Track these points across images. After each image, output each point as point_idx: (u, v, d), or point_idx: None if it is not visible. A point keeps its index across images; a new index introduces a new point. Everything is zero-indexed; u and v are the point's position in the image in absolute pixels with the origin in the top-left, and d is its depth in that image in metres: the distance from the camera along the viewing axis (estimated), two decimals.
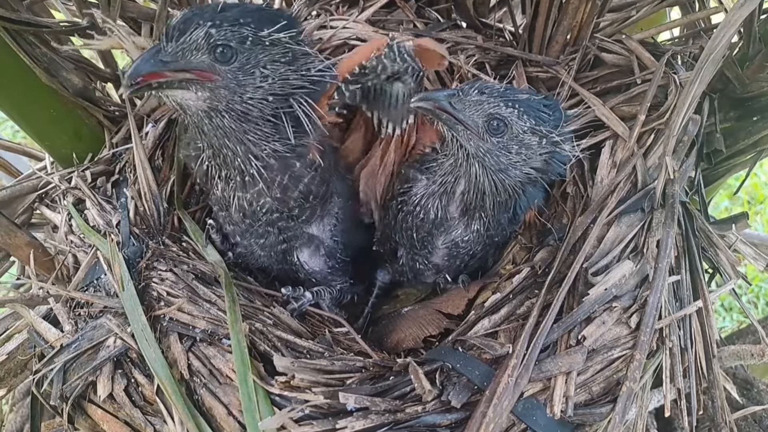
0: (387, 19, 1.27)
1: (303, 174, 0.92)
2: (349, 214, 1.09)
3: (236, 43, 0.78)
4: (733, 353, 0.90)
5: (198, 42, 0.76)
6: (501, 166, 0.89)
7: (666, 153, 0.92)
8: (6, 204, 1.12)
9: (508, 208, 0.97)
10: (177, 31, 0.76)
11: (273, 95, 0.84)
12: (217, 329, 0.83)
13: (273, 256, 1.06)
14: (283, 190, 0.92)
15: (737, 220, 1.06)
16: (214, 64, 0.78)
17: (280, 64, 0.83)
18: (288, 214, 0.97)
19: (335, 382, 0.76)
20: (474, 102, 0.86)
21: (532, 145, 0.87)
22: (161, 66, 0.77)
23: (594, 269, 0.84)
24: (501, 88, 0.88)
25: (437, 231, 1.01)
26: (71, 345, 0.85)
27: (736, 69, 1.01)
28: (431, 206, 0.99)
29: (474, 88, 0.87)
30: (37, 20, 1.01)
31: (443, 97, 0.88)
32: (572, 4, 1.07)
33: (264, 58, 0.81)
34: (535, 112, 0.86)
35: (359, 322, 1.18)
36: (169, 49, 0.77)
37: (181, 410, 0.75)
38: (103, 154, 1.15)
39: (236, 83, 0.80)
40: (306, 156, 0.91)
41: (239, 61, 0.79)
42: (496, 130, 0.86)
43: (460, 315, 1.00)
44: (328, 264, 1.08)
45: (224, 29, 0.77)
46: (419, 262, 1.09)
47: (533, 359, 0.74)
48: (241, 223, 0.99)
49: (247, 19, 0.78)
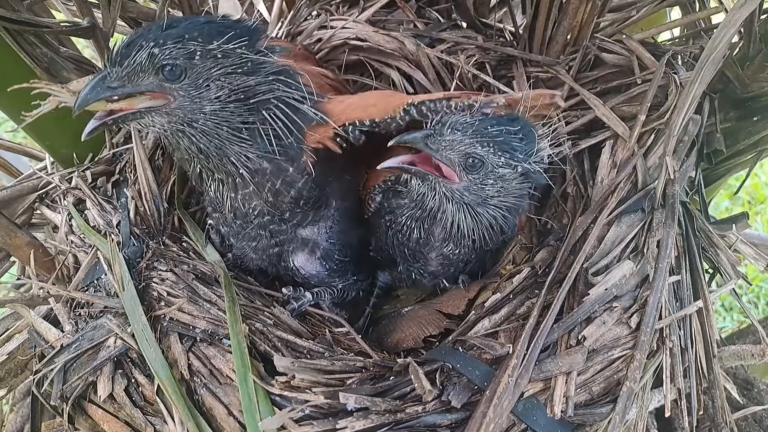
0: (387, 19, 1.28)
1: (296, 179, 0.90)
2: (347, 213, 1.07)
3: (183, 60, 0.76)
4: (733, 353, 0.90)
5: (143, 64, 0.74)
6: (479, 201, 0.90)
7: (666, 153, 0.92)
8: (6, 204, 1.12)
9: (493, 229, 0.96)
10: (119, 56, 0.75)
11: (236, 105, 0.81)
12: (217, 329, 0.83)
13: (266, 259, 1.05)
14: (275, 194, 0.91)
15: (737, 220, 1.05)
16: (162, 84, 0.76)
17: (237, 75, 0.80)
18: (280, 217, 0.96)
19: (335, 382, 0.76)
20: (450, 141, 0.86)
21: (507, 176, 0.88)
22: (109, 92, 0.76)
23: (594, 269, 0.84)
24: (474, 123, 0.86)
25: (426, 249, 1.02)
26: (71, 345, 0.85)
27: (736, 69, 1.01)
28: (415, 228, 1.00)
29: (448, 127, 0.86)
30: (38, 20, 1.01)
31: (420, 139, 0.87)
32: (572, 5, 1.07)
33: (217, 71, 0.78)
34: (509, 146, 0.85)
35: (359, 322, 1.17)
36: (114, 74, 0.75)
37: (181, 410, 0.75)
38: (104, 154, 1.15)
39: (190, 100, 0.78)
40: (299, 160, 0.89)
41: (189, 78, 0.77)
42: (473, 167, 0.87)
43: (460, 315, 1.00)
44: (325, 266, 1.08)
45: (168, 48, 0.74)
46: (415, 272, 1.09)
47: (533, 359, 0.74)
48: (233, 224, 0.99)
49: (193, 34, 0.76)
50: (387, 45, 1.21)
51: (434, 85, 1.23)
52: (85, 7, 1.07)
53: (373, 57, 1.25)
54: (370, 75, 1.29)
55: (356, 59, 1.26)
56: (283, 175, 0.90)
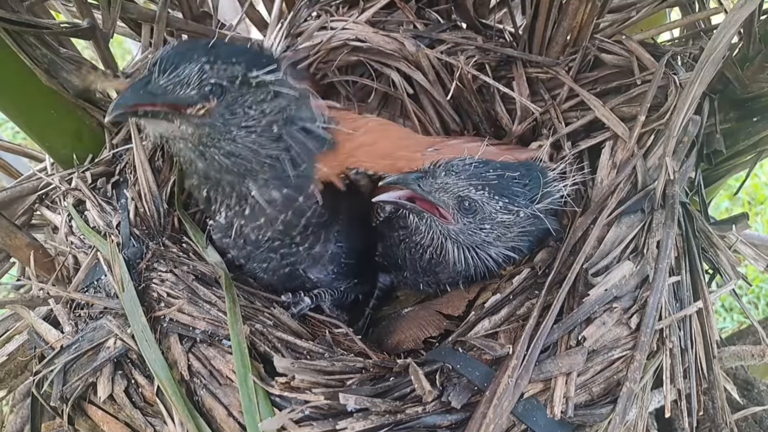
0: (387, 20, 1.27)
1: (305, 208, 0.91)
2: (354, 219, 1.08)
3: (227, 83, 0.77)
4: (733, 354, 0.90)
5: (191, 77, 0.75)
6: (476, 243, 0.88)
7: (666, 154, 0.92)
8: (6, 205, 1.12)
9: (499, 264, 0.94)
10: (171, 65, 0.75)
11: (262, 134, 0.83)
12: (217, 330, 0.83)
13: (276, 278, 1.05)
14: (286, 225, 0.92)
15: (737, 220, 1.05)
16: (201, 100, 0.77)
17: (266, 103, 0.82)
18: (290, 241, 0.96)
19: (335, 383, 0.76)
20: (443, 184, 0.84)
21: (506, 222, 0.86)
22: (150, 98, 0.76)
23: (594, 270, 0.83)
24: (471, 166, 0.84)
25: (438, 268, 1.01)
26: (71, 346, 0.85)
27: (736, 70, 1.01)
28: (427, 251, 0.98)
29: (442, 169, 0.84)
30: (38, 21, 1.01)
31: (412, 180, 0.85)
32: (572, 5, 1.07)
33: (249, 99, 0.80)
34: (508, 190, 0.83)
35: (359, 324, 1.17)
36: (161, 81, 0.76)
37: (181, 411, 0.75)
38: (104, 155, 1.15)
39: (222, 122, 0.79)
40: (308, 189, 0.90)
41: (226, 100, 0.78)
42: (468, 211, 0.85)
43: (460, 316, 1.00)
44: (331, 270, 1.08)
45: (217, 67, 0.76)
46: (423, 283, 1.09)
47: (533, 360, 0.74)
48: (243, 249, 0.99)
49: (240, 59, 0.78)
50: (387, 46, 1.21)
51: (434, 86, 1.23)
52: (85, 8, 1.08)
53: (373, 58, 1.25)
54: (370, 76, 1.30)
55: (356, 60, 1.26)
56: (293, 205, 0.90)
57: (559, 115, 1.13)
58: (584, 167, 1.03)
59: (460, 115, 1.29)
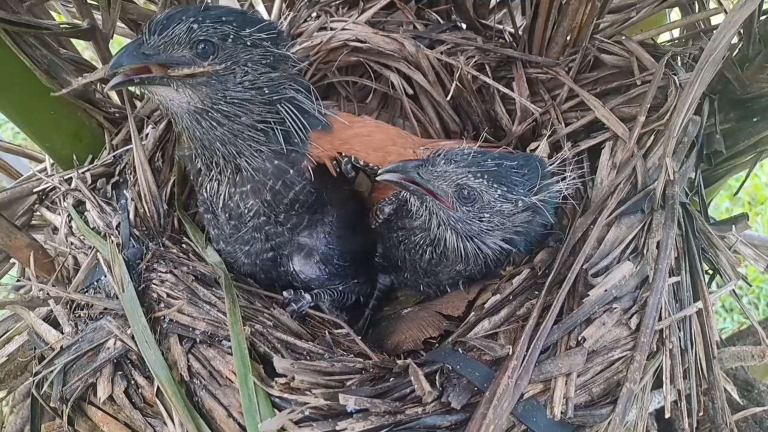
0: (387, 20, 1.28)
1: (295, 182, 0.92)
2: (347, 221, 1.08)
3: (218, 40, 0.80)
4: (733, 354, 0.90)
5: (180, 36, 0.78)
6: (474, 233, 0.88)
7: (666, 154, 0.92)
8: (6, 206, 1.12)
9: (499, 256, 0.94)
10: (160, 26, 0.78)
11: (256, 95, 0.84)
12: (217, 331, 0.83)
13: (258, 264, 1.04)
14: (274, 195, 0.92)
15: (737, 221, 1.05)
16: (195, 59, 0.80)
17: (261, 65, 0.84)
18: (275, 219, 0.96)
19: (335, 384, 0.76)
20: (442, 172, 0.85)
21: (505, 211, 0.86)
22: (143, 58, 0.78)
23: (594, 270, 0.84)
24: (469, 155, 0.85)
25: (438, 268, 1.01)
26: (71, 347, 0.85)
27: (736, 70, 1.01)
28: (427, 251, 0.99)
29: (441, 158, 0.85)
30: (38, 22, 1.01)
31: (411, 168, 0.86)
32: (572, 6, 1.07)
33: (244, 56, 0.82)
34: (506, 179, 0.83)
35: (359, 324, 1.17)
36: (152, 42, 0.78)
37: (181, 412, 0.74)
38: (104, 156, 1.15)
39: (217, 79, 0.81)
40: (300, 164, 0.91)
41: (219, 58, 0.81)
42: (467, 199, 0.85)
43: (460, 316, 1.00)
44: (324, 270, 1.07)
45: (206, 25, 0.79)
46: (423, 284, 1.09)
47: (533, 360, 0.74)
48: (226, 225, 0.99)
49: (230, 18, 0.80)
50: (387, 46, 1.21)
51: (434, 87, 1.23)
52: (85, 9, 1.08)
53: (372, 58, 1.25)
54: (370, 76, 1.30)
55: (356, 60, 1.26)
56: (284, 176, 0.91)
57: (559, 116, 1.13)
58: (584, 166, 1.03)
59: (460, 116, 1.29)
